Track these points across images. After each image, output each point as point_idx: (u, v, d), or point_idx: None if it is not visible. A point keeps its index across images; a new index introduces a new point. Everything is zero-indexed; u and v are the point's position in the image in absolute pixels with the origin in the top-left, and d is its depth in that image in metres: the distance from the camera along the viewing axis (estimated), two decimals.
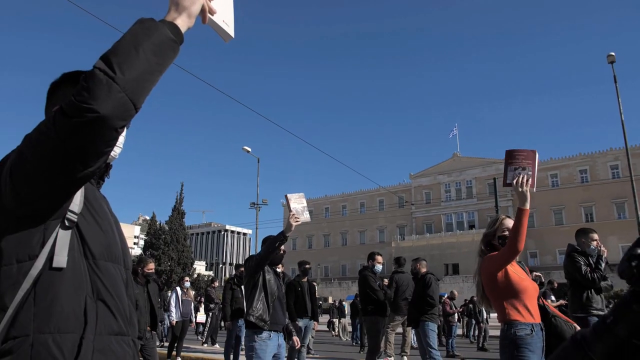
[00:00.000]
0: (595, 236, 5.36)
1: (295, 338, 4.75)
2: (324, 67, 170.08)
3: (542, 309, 3.03)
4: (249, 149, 30.66)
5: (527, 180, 2.81)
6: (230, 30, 1.27)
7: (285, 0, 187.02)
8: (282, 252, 4.54)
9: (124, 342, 1.22)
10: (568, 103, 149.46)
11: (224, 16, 1.25)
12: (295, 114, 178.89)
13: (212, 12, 1.20)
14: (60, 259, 1.12)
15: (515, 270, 2.97)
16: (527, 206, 2.78)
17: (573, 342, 1.12)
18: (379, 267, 7.20)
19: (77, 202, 1.18)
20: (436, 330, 7.17)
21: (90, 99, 0.98)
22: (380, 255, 7.44)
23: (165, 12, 1.16)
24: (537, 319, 2.92)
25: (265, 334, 4.15)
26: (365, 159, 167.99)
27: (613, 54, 18.77)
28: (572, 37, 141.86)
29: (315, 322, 8.11)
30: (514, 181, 2.83)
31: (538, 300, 3.02)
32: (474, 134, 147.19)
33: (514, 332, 2.83)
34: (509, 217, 3.17)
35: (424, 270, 7.38)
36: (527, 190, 2.79)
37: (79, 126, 0.99)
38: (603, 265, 5.23)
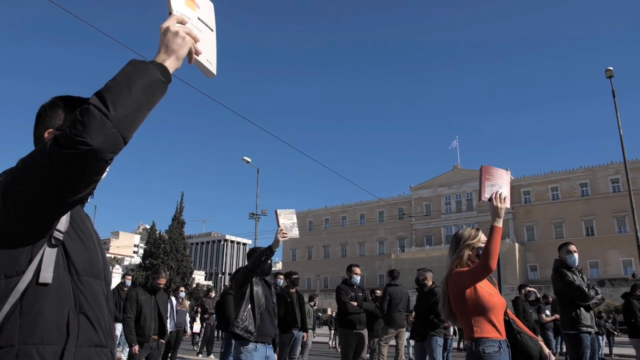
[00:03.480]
0: (573, 247, 5.44)
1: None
2: (322, 78, 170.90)
3: (507, 324, 2.96)
4: (249, 160, 30.80)
5: (505, 198, 2.84)
6: (213, 69, 1.32)
7: (281, 9, 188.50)
8: (270, 263, 4.55)
9: (103, 353, 1.29)
10: (569, 115, 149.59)
11: (208, 55, 1.30)
12: (294, 124, 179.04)
13: (197, 53, 1.26)
14: (46, 275, 1.19)
15: (484, 286, 2.92)
16: (501, 224, 2.79)
17: None
18: (356, 279, 7.40)
19: (63, 221, 1.25)
20: (442, 345, 7.11)
21: (84, 132, 1.05)
22: (358, 266, 7.67)
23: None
24: (503, 335, 2.87)
25: (251, 346, 4.16)
26: (366, 170, 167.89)
27: (611, 68, 18.87)
28: (573, 49, 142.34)
29: (305, 333, 8.10)
30: (492, 196, 2.84)
31: (505, 315, 2.99)
32: (474, 146, 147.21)
33: (482, 349, 2.77)
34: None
35: (430, 283, 7.27)
36: (502, 208, 2.81)
37: (71, 157, 1.06)
38: (585, 279, 5.36)
